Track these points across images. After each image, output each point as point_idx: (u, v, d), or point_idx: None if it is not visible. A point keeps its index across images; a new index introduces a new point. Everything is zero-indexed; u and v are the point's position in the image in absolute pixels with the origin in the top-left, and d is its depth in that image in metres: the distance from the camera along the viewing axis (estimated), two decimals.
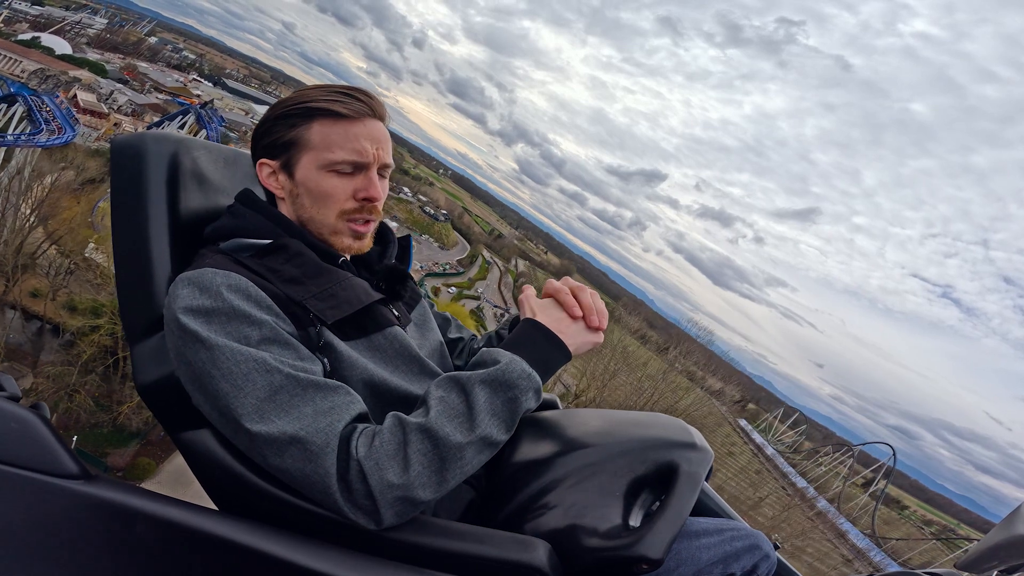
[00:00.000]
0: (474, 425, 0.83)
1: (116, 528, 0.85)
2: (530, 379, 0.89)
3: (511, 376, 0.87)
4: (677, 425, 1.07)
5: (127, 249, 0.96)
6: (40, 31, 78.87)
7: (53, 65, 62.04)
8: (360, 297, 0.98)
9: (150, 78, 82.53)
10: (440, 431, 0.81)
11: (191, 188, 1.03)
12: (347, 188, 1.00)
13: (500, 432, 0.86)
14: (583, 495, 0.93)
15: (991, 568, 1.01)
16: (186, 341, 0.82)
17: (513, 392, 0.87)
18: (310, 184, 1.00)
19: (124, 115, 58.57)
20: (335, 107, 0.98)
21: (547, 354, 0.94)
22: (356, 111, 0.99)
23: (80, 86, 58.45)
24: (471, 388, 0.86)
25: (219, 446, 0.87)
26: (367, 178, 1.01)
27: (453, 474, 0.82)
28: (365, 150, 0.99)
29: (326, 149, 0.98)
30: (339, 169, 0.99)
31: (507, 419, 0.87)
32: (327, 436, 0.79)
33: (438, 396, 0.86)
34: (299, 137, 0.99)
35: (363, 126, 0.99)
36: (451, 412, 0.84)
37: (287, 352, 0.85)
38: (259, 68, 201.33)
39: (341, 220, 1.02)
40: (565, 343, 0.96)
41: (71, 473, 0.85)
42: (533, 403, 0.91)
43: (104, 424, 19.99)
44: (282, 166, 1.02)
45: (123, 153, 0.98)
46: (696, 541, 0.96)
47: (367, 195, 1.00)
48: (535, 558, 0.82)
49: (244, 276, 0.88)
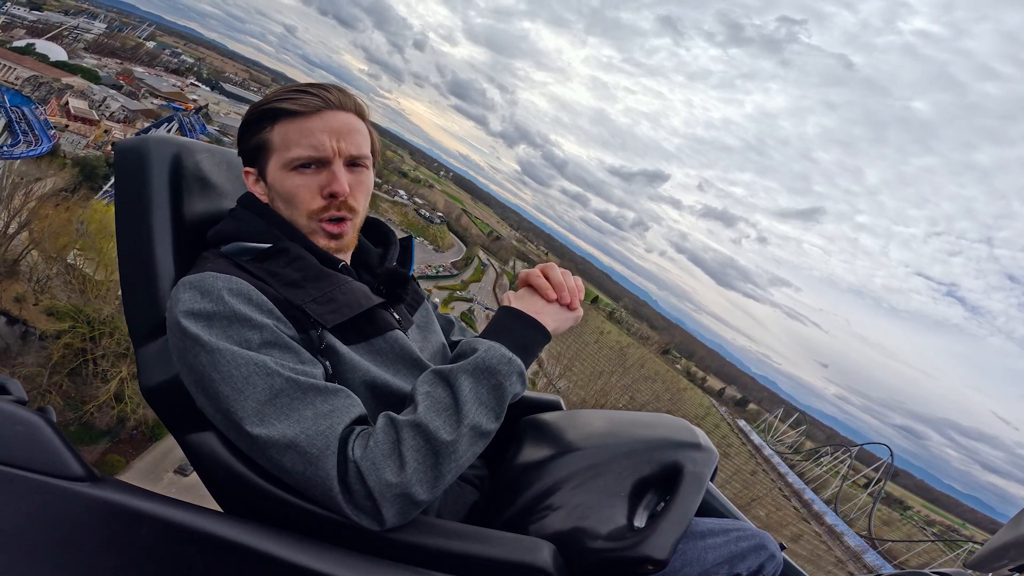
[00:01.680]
0: (462, 416, 0.83)
1: (121, 529, 0.86)
2: (511, 363, 0.89)
3: (492, 362, 0.87)
4: (681, 425, 1.07)
5: (131, 252, 0.97)
6: (38, 36, 79.51)
7: (46, 72, 62.63)
8: (360, 301, 0.98)
9: (146, 83, 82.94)
10: (430, 426, 0.81)
11: (194, 191, 1.03)
12: (311, 186, 0.98)
13: (489, 420, 0.86)
14: (587, 496, 0.93)
15: (1000, 567, 1.01)
16: (188, 344, 0.83)
17: (496, 378, 0.87)
18: (277, 186, 0.99)
19: (116, 122, 59.12)
20: (287, 105, 0.97)
21: (526, 337, 0.94)
22: (308, 106, 0.97)
23: (72, 93, 59.00)
24: (455, 379, 0.86)
25: (223, 448, 0.87)
26: (330, 172, 0.98)
27: (448, 468, 0.82)
28: (322, 144, 0.96)
29: (285, 148, 0.97)
30: (300, 167, 0.98)
31: (494, 406, 0.87)
32: (326, 439, 0.79)
33: (424, 391, 0.86)
34: (264, 140, 0.99)
35: (319, 120, 0.97)
36: (439, 406, 0.84)
37: (288, 356, 0.85)
38: (260, 71, 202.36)
39: (312, 220, 1.00)
40: (542, 323, 0.96)
41: (76, 475, 0.86)
42: (519, 387, 0.90)
43: (72, 422, 20.72)
44: (258, 172, 1.02)
45: (126, 157, 0.98)
46: (701, 541, 0.95)
47: (331, 190, 0.98)
48: (539, 559, 0.82)
49: (245, 280, 0.88)
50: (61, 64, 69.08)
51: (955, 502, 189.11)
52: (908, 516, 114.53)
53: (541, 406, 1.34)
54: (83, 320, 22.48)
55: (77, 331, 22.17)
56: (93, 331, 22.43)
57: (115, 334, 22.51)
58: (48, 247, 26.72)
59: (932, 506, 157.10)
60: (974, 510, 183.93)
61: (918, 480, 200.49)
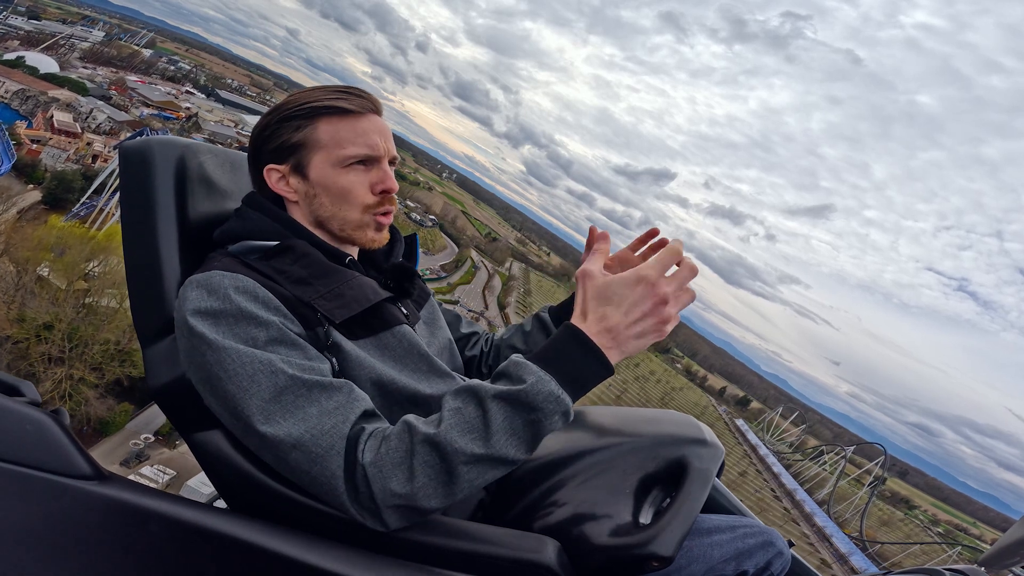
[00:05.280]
0: (489, 443, 0.77)
1: (130, 528, 0.87)
2: (558, 402, 0.77)
3: (535, 399, 0.77)
4: (687, 421, 1.06)
5: (138, 253, 0.97)
6: (33, 46, 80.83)
7: (34, 85, 63.75)
8: (368, 296, 0.98)
9: (138, 93, 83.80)
10: (449, 446, 0.76)
11: (198, 192, 1.04)
12: (364, 182, 1.01)
13: (519, 452, 0.79)
14: (592, 493, 0.92)
15: (1012, 564, 1.01)
16: (195, 343, 0.83)
17: (536, 415, 0.77)
18: (327, 182, 1.00)
19: (101, 134, 59.76)
20: (340, 103, 0.99)
21: (583, 370, 0.79)
22: (360, 106, 1.00)
23: (57, 106, 59.90)
24: (488, 403, 0.78)
25: (230, 447, 0.88)
26: (382, 171, 1.02)
27: (461, 488, 0.78)
28: (376, 144, 1.00)
29: (337, 146, 0.99)
30: (354, 165, 1.00)
31: (528, 440, 0.79)
32: (332, 438, 0.78)
33: (453, 407, 0.80)
34: (307, 138, 0.99)
35: (369, 121, 1.01)
36: (464, 426, 0.78)
37: (294, 353, 0.85)
38: (263, 75, 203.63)
39: (367, 214, 1.03)
40: (609, 357, 0.79)
41: (85, 474, 0.87)
42: (559, 425, 0.80)
43: None
44: (292, 169, 1.01)
45: (130, 159, 0.99)
46: (708, 538, 0.95)
47: (385, 187, 1.02)
48: (545, 556, 0.82)
49: (252, 278, 0.88)
50: (50, 76, 70.27)
51: (967, 500, 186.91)
52: (912, 515, 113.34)
53: None
54: (21, 326, 23.57)
55: (15, 336, 23.27)
56: (28, 334, 23.53)
57: (50, 340, 23.47)
58: (18, 255, 27.45)
59: (942, 504, 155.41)
60: (987, 508, 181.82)
61: (930, 478, 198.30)
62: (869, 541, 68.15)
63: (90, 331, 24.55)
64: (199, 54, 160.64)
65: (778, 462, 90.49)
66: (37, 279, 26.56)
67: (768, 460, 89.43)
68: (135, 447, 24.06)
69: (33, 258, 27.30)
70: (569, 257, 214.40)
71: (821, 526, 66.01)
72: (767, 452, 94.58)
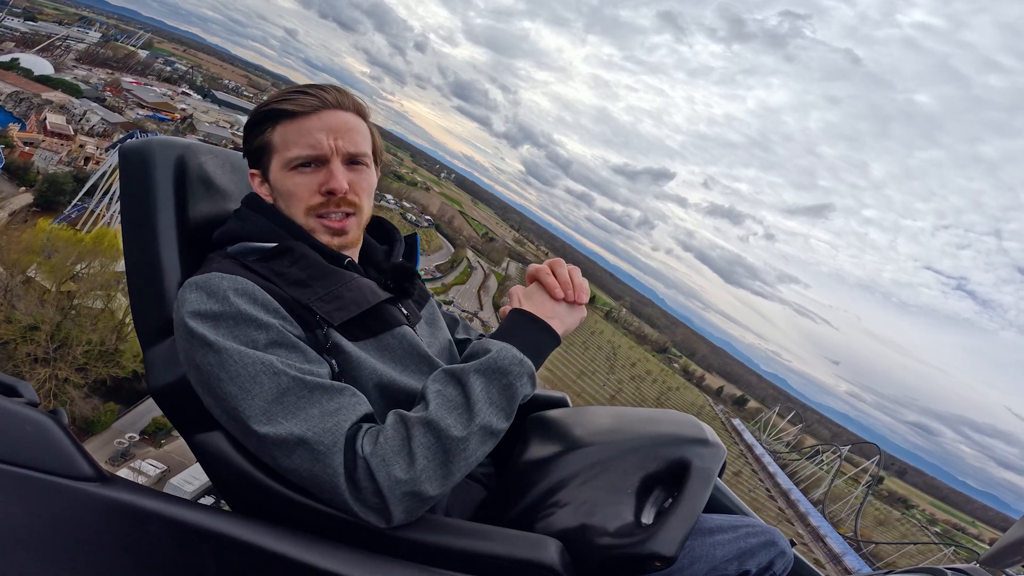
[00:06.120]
0: (473, 415, 0.84)
1: (130, 529, 0.87)
2: (522, 364, 0.89)
3: (503, 363, 0.88)
4: (689, 421, 1.06)
5: (137, 254, 0.98)
6: (29, 48, 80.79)
7: (28, 87, 63.70)
8: (367, 297, 0.99)
9: (133, 94, 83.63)
10: (441, 423, 0.82)
11: (198, 193, 1.05)
12: (310, 184, 1.00)
13: (500, 420, 0.87)
14: (594, 493, 0.93)
15: (1013, 563, 1.01)
16: (194, 345, 0.84)
17: (507, 379, 0.88)
18: (278, 185, 1.02)
19: (94, 135, 59.68)
20: (286, 106, 0.99)
21: (536, 339, 0.95)
22: (306, 105, 0.99)
23: (51, 108, 59.84)
24: (466, 379, 0.87)
25: (231, 448, 0.88)
26: (328, 171, 1.00)
27: (458, 466, 0.83)
28: (319, 142, 0.99)
29: (285, 148, 0.99)
30: (299, 166, 1.00)
31: (505, 407, 0.88)
32: (333, 436, 0.80)
33: (435, 390, 0.87)
34: (265, 142, 1.01)
35: (317, 119, 0.99)
36: (450, 404, 0.85)
37: (294, 355, 0.86)
38: (261, 75, 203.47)
39: (311, 217, 1.02)
40: (552, 326, 0.97)
41: (87, 475, 0.88)
42: (529, 388, 0.91)
43: None
44: (262, 173, 1.04)
45: (130, 160, 0.99)
46: (710, 538, 0.95)
47: (328, 187, 1.00)
48: (547, 556, 0.82)
49: (251, 280, 0.89)
50: (44, 78, 70.16)
51: (966, 499, 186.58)
52: (909, 515, 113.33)
53: (548, 403, 1.34)
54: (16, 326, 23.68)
55: None
56: (14, 335, 23.66)
57: (35, 341, 23.62)
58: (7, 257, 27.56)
59: (941, 504, 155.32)
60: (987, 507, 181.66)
61: (929, 477, 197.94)
62: (863, 541, 68.24)
63: (75, 332, 24.66)
64: (197, 55, 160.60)
65: (774, 462, 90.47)
66: (25, 281, 26.68)
67: (764, 460, 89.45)
68: (120, 446, 24.20)
69: (22, 260, 27.39)
70: (569, 257, 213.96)
71: (815, 526, 66.03)
72: (763, 451, 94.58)
